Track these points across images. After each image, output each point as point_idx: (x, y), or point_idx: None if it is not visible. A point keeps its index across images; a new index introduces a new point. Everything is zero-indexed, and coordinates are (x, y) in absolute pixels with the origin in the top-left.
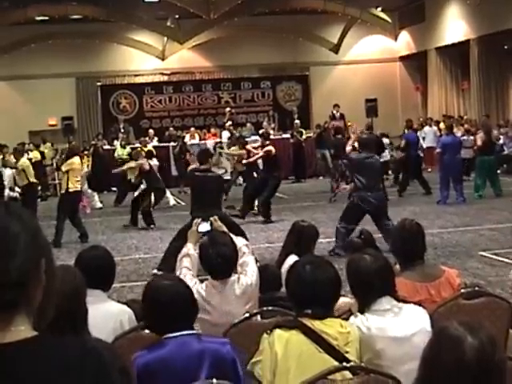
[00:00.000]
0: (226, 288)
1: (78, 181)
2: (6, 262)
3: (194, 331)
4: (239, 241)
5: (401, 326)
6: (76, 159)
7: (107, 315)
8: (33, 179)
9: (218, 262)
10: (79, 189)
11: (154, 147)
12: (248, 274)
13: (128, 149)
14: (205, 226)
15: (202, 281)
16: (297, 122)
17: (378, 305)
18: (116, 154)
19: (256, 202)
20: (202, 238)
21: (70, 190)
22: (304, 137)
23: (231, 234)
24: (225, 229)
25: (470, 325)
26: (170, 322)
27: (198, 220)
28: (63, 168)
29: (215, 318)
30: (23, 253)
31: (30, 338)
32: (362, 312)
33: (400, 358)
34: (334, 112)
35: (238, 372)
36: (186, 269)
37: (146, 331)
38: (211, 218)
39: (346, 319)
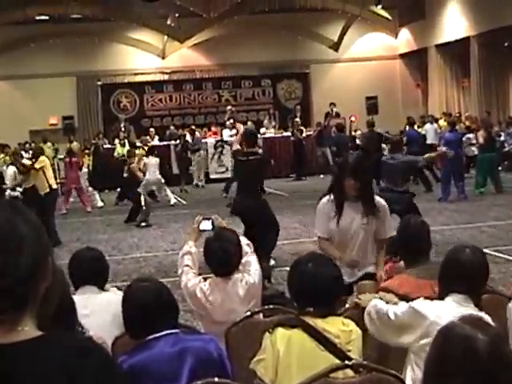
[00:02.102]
0: (228, 286)
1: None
2: (15, 259)
3: (176, 330)
4: (241, 240)
5: None
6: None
7: (108, 302)
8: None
9: (221, 257)
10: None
11: (155, 146)
12: (251, 273)
13: (128, 147)
14: (206, 224)
15: (205, 279)
16: (297, 119)
17: (455, 296)
18: (116, 153)
19: None
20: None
21: (54, 187)
22: (304, 135)
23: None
24: (226, 227)
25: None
26: (152, 324)
27: (199, 217)
28: (37, 165)
29: (218, 316)
30: (31, 251)
31: (36, 338)
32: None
33: None
34: (330, 110)
35: (225, 368)
36: (188, 267)
37: None
38: (213, 216)
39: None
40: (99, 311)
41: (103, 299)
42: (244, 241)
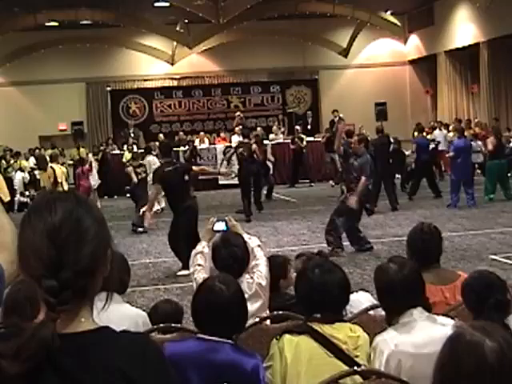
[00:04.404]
0: None
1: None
2: (76, 251)
3: (228, 341)
4: (253, 241)
5: (428, 340)
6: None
7: (123, 317)
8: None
9: (230, 263)
10: None
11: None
12: (259, 275)
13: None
14: (220, 225)
15: None
16: (297, 127)
17: (406, 317)
18: (124, 159)
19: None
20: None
21: None
22: (305, 143)
23: (245, 235)
24: (239, 228)
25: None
26: (209, 325)
27: (213, 219)
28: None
29: None
30: (92, 243)
31: (97, 329)
32: (389, 324)
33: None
34: (333, 117)
35: None
36: (201, 266)
37: (163, 335)
38: (226, 218)
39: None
40: (114, 324)
41: (119, 313)
42: (256, 242)
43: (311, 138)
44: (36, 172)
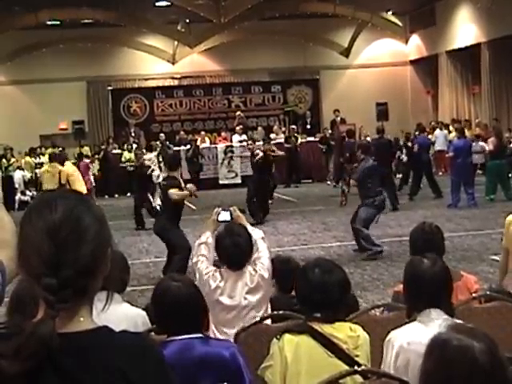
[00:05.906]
0: (239, 277)
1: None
2: (78, 249)
3: (199, 335)
4: (256, 233)
5: None
6: (68, 165)
7: (122, 317)
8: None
9: (234, 252)
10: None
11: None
12: (261, 267)
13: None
14: (225, 215)
15: (218, 267)
16: (293, 126)
17: (425, 316)
18: (123, 158)
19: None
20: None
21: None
22: (299, 141)
23: (249, 226)
24: (244, 219)
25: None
26: (175, 325)
27: (218, 209)
28: (63, 180)
29: (226, 302)
30: (92, 242)
31: (96, 329)
32: (408, 317)
33: None
34: (335, 117)
35: (243, 378)
36: (204, 257)
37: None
38: (231, 208)
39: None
40: (113, 324)
41: (119, 312)
42: (259, 234)
43: (311, 138)
44: (37, 171)
